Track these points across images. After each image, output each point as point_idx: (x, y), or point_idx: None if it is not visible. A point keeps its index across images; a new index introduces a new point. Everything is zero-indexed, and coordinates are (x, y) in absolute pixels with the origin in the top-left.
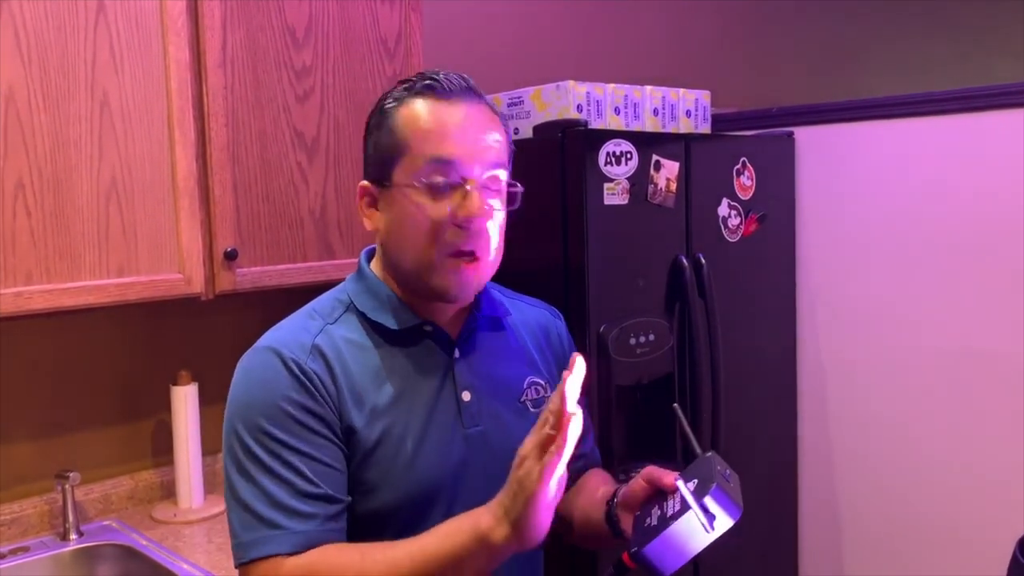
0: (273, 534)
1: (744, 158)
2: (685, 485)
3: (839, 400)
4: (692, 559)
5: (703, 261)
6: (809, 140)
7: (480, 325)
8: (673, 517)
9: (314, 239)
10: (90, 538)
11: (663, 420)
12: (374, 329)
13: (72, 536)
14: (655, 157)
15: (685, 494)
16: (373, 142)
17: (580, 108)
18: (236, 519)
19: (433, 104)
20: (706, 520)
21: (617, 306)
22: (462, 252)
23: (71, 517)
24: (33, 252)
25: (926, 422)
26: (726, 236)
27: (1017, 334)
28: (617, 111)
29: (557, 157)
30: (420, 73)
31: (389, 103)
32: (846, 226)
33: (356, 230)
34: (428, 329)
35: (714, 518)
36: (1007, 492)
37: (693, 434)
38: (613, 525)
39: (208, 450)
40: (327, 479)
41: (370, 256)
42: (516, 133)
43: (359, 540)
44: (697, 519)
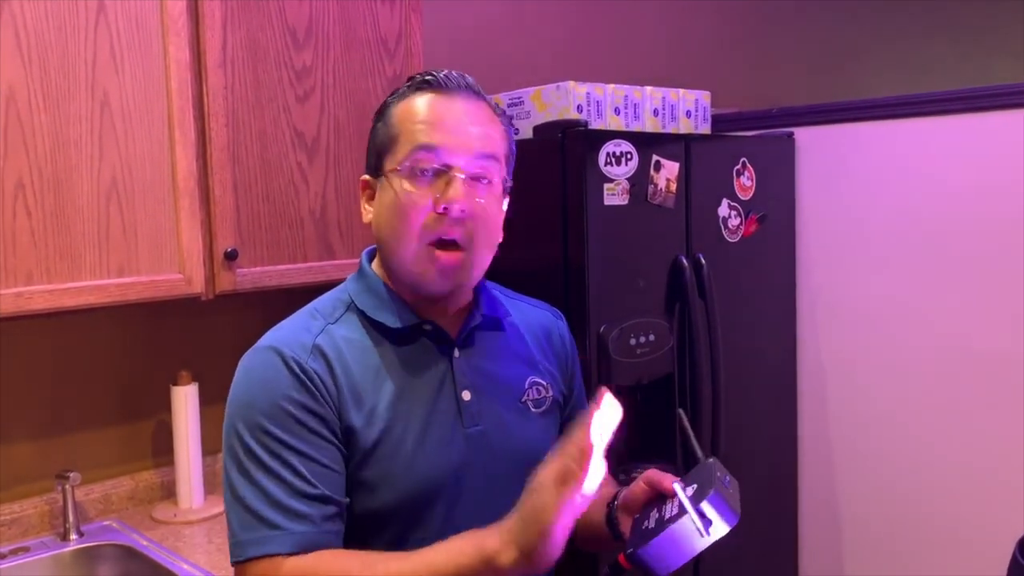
0: (273, 534)
1: (744, 158)
2: (684, 490)
3: (839, 400)
4: (688, 562)
5: (703, 261)
6: (809, 140)
7: (480, 325)
8: (670, 520)
9: (314, 239)
10: (90, 538)
11: (663, 421)
12: (375, 328)
13: (72, 536)
14: (655, 157)
15: (683, 498)
16: (372, 136)
17: (580, 108)
18: (235, 518)
19: (429, 97)
20: (702, 525)
21: (617, 306)
22: (444, 241)
23: (71, 517)
24: (33, 252)
25: (926, 422)
26: (726, 236)
27: (1017, 334)
28: (617, 111)
29: (557, 157)
30: (424, 71)
31: (391, 99)
32: (846, 226)
33: (356, 230)
34: (428, 328)
35: (710, 523)
36: (1007, 492)
37: (695, 438)
38: (613, 527)
39: (208, 450)
40: (325, 480)
41: (371, 256)
42: (516, 134)
43: (359, 540)
44: (693, 524)
